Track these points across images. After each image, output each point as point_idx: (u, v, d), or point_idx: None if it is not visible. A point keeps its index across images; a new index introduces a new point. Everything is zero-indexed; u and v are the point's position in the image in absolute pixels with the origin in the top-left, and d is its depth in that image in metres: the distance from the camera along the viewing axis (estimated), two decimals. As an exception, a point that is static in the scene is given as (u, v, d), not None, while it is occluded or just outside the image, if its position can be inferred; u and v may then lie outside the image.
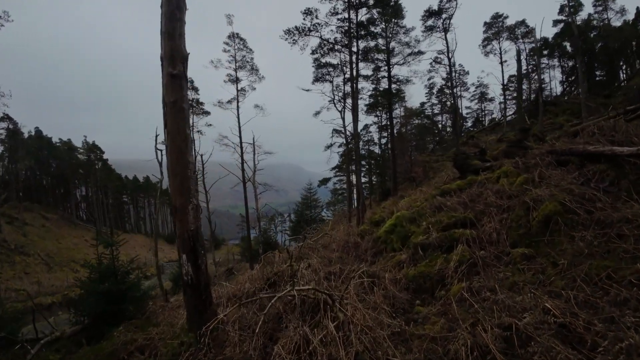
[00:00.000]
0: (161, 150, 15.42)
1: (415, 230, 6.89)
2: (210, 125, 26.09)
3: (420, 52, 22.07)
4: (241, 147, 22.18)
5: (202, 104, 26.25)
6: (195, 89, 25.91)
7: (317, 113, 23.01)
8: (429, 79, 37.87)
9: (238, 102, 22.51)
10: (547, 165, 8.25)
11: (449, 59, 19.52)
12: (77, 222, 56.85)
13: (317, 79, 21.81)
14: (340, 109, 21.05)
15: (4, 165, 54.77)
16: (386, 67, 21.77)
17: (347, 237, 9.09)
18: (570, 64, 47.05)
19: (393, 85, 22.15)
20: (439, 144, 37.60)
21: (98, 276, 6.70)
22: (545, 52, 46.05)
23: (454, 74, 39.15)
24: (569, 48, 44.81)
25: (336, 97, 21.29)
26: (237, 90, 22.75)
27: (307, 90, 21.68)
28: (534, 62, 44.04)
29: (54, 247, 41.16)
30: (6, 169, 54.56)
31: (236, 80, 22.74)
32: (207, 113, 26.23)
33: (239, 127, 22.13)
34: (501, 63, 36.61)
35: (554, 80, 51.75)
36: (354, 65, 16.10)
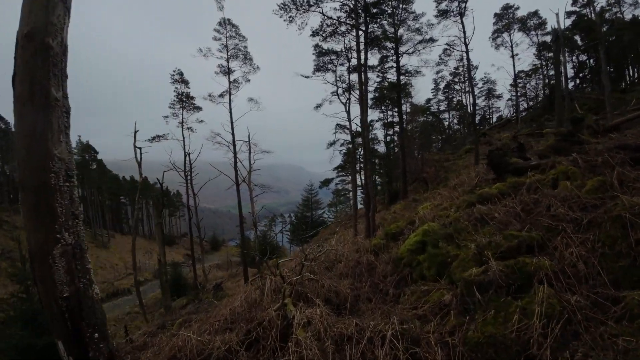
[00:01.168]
0: (140, 149, 13.54)
1: (459, 255, 4.96)
2: (202, 121, 24.09)
3: (432, 40, 20.08)
4: (234, 145, 20.19)
5: (192, 98, 24.17)
6: (185, 82, 23.88)
7: (319, 106, 21.01)
8: (437, 72, 35.98)
9: (230, 95, 20.54)
10: (620, 164, 6.40)
11: (466, 45, 17.48)
12: (71, 225, 55.07)
13: (318, 68, 19.62)
14: (344, 101, 18.89)
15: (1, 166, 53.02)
16: (394, 57, 19.81)
17: (357, 254, 7.20)
18: (583, 58, 45.19)
19: (401, 77, 20.24)
20: (447, 142, 35.63)
21: (12, 322, 4.75)
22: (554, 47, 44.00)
23: (463, 68, 37.28)
24: (580, 42, 42.97)
25: (340, 89, 19.35)
26: (230, 82, 20.74)
27: (307, 77, 19.64)
28: (543, 57, 42.25)
29: (43, 251, 39.36)
30: (4, 172, 52.74)
31: (228, 72, 20.73)
32: (199, 109, 24.15)
33: (232, 123, 20.10)
34: (512, 57, 34.63)
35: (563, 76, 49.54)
36: (362, 47, 13.95)
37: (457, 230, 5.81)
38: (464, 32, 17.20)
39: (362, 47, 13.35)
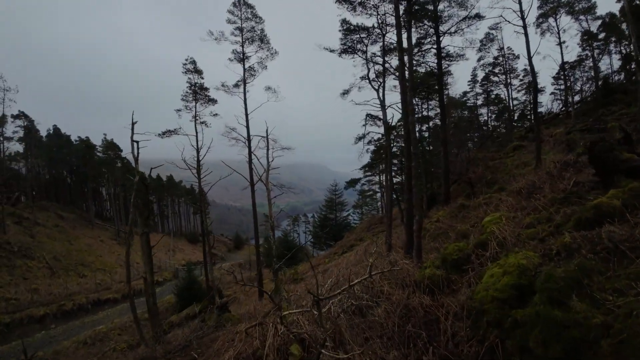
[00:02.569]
0: (137, 142, 11.72)
1: (612, 326, 2.67)
2: (216, 115, 21.94)
3: (478, 16, 17.16)
4: (249, 140, 17.94)
5: (206, 89, 21.87)
6: (199, 72, 21.57)
7: (346, 92, 17.83)
8: (479, 60, 32.78)
9: (245, 83, 18.27)
10: None
11: (523, 19, 14.52)
12: (95, 222, 54.93)
13: (345, 50, 16.59)
14: (377, 86, 16.02)
15: (26, 163, 53.61)
16: (433, 38, 17.03)
17: (402, 291, 4.93)
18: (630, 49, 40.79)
19: (441, 62, 17.43)
20: (489, 138, 32.39)
21: None
22: (601, 36, 39.93)
23: (503, 57, 34.07)
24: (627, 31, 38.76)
25: (372, 71, 16.33)
26: (244, 69, 18.47)
27: (332, 51, 16.90)
28: (590, 46, 38.51)
29: (63, 248, 38.85)
30: (29, 168, 53.24)
31: (243, 58, 18.48)
32: (214, 101, 22.10)
33: (246, 115, 17.87)
34: (560, 44, 31.10)
35: (606, 69, 44.60)
36: (402, 8, 10.88)
37: (585, 270, 3.48)
38: (520, 4, 14.29)
39: (402, 7, 10.43)
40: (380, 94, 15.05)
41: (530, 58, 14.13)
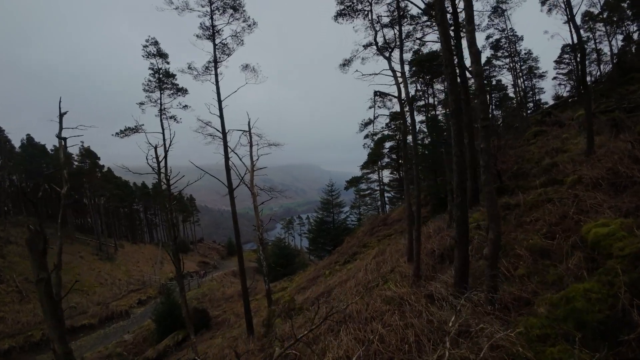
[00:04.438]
0: (65, 140, 8.84)
1: None
2: (187, 107, 17.64)
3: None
4: (224, 132, 14.24)
5: (173, 76, 17.85)
6: (163, 56, 17.65)
7: (347, 63, 13.74)
8: (487, 38, 29.95)
9: (217, 63, 14.40)
10: None
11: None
12: (75, 236, 51.39)
13: (342, 12, 12.70)
14: (387, 55, 12.27)
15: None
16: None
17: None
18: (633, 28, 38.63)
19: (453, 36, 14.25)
20: (500, 126, 29.67)
21: None
22: (603, 16, 37.69)
23: (506, 40, 31.55)
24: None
25: (379, 33, 12.73)
26: (215, 46, 14.77)
27: None
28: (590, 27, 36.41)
29: (37, 268, 35.46)
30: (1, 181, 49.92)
31: (213, 33, 14.71)
32: (184, 91, 18.23)
33: (219, 102, 14.05)
34: (568, 22, 28.57)
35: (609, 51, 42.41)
36: None
37: None
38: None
39: None
40: (397, 65, 11.52)
41: (573, 17, 11.46)
